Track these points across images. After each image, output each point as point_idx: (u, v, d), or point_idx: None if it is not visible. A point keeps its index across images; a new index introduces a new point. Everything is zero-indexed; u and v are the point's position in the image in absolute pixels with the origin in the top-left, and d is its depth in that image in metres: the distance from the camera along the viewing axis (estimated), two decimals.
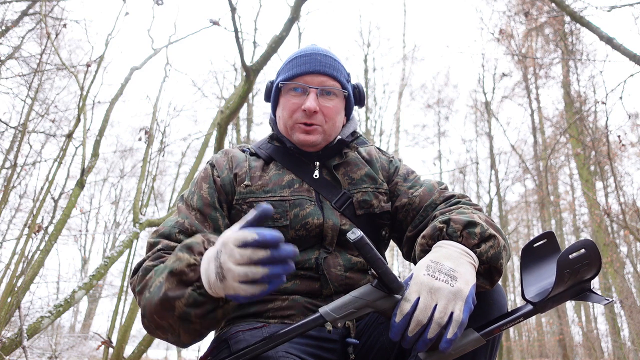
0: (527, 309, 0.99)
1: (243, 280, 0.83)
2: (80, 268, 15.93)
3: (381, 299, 0.97)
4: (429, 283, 0.93)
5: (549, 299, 0.97)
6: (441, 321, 0.90)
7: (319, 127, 1.32)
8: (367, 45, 15.66)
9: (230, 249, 0.84)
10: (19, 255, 4.24)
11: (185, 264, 0.95)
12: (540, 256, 1.05)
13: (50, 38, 5.09)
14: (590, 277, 0.99)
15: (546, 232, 1.06)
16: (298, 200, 1.26)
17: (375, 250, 0.93)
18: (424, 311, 0.91)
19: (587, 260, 0.95)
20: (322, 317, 0.98)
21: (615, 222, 8.91)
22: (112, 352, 4.67)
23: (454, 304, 0.91)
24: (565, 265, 0.93)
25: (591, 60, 9.37)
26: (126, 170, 16.00)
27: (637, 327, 8.98)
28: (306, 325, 0.98)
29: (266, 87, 1.44)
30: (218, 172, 1.32)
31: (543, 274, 1.03)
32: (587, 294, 1.00)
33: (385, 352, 1.15)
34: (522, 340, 16.95)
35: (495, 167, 13.91)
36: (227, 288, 0.86)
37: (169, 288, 0.94)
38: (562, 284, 0.95)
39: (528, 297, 1.01)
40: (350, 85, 1.41)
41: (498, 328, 0.98)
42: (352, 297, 0.98)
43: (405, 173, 1.40)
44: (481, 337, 0.96)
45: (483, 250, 1.03)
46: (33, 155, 6.66)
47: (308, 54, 1.34)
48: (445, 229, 1.07)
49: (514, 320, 0.99)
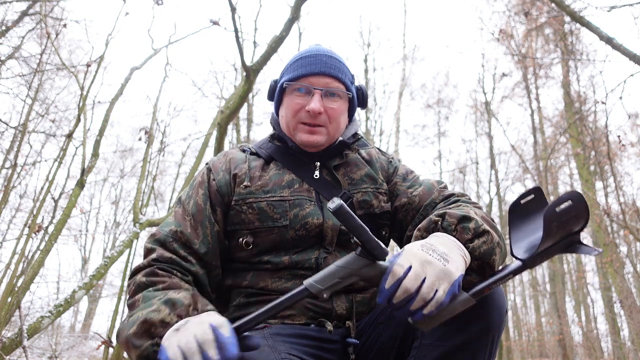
0: (515, 265, 0.98)
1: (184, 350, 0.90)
2: (80, 268, 15.94)
3: (366, 266, 0.97)
4: (422, 256, 0.94)
5: (537, 254, 0.95)
6: (427, 296, 0.91)
7: (322, 127, 1.32)
8: (367, 45, 15.66)
9: (204, 330, 0.91)
10: (19, 255, 4.25)
11: (160, 319, 1.00)
12: (528, 212, 1.02)
13: (51, 38, 5.09)
14: (579, 229, 0.97)
15: (534, 187, 1.03)
16: (298, 200, 1.26)
17: (357, 219, 0.93)
18: (414, 280, 0.92)
19: (575, 212, 0.93)
20: (307, 289, 0.97)
21: (615, 222, 8.91)
22: (112, 352, 4.68)
23: (440, 283, 0.92)
24: (552, 219, 0.91)
25: (591, 60, 9.37)
26: (126, 170, 16.01)
27: (637, 327, 8.99)
28: (292, 298, 0.97)
29: (270, 86, 1.44)
30: (214, 175, 1.33)
31: (531, 229, 1.01)
32: (576, 246, 0.98)
33: (385, 352, 1.15)
34: (522, 340, 16.95)
35: (495, 167, 13.91)
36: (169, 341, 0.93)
37: (135, 333, 0.99)
38: (550, 238, 0.94)
39: (516, 254, 0.99)
40: (354, 87, 1.41)
41: (487, 287, 0.97)
42: (336, 267, 0.98)
43: (404, 173, 1.41)
44: (471, 297, 0.96)
45: (476, 245, 1.04)
46: (33, 155, 6.68)
47: (313, 55, 1.34)
48: (441, 222, 1.08)
49: (504, 277, 0.98)
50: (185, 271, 1.18)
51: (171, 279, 1.13)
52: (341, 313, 1.19)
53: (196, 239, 1.22)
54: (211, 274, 1.24)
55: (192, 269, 1.19)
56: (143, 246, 1.24)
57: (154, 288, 1.10)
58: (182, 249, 1.20)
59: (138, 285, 1.12)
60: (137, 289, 1.12)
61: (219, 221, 1.27)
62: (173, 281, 1.12)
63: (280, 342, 1.09)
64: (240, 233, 1.26)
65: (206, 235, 1.24)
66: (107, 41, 5.99)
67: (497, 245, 1.07)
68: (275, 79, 1.44)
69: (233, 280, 1.27)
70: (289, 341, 1.11)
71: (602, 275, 11.96)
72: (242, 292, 1.25)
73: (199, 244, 1.22)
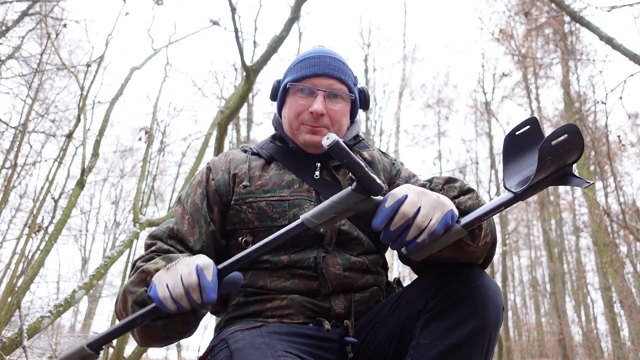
0: (507, 197, 0.97)
1: (170, 290, 0.96)
2: (80, 268, 15.93)
3: (362, 201, 0.97)
4: (417, 188, 0.98)
5: (530, 187, 0.94)
6: (422, 224, 0.93)
7: (325, 129, 1.32)
8: (367, 45, 15.65)
9: (190, 272, 0.96)
10: (19, 255, 4.25)
11: (156, 267, 1.06)
12: (523, 144, 1.00)
13: (51, 38, 5.09)
14: (572, 161, 0.96)
15: (529, 118, 1.00)
16: (297, 200, 1.27)
17: (352, 155, 0.93)
18: (411, 206, 0.94)
19: (570, 145, 0.91)
20: (304, 223, 0.98)
21: (615, 222, 8.91)
22: (112, 352, 4.68)
23: (434, 212, 0.94)
24: (547, 153, 0.90)
25: (591, 60, 9.37)
26: (126, 170, 16.00)
27: (637, 327, 8.99)
28: (288, 233, 0.98)
29: (273, 86, 1.44)
30: (213, 174, 1.34)
31: (525, 162, 0.99)
32: (568, 178, 0.97)
33: (383, 351, 1.15)
34: (522, 340, 16.95)
35: (495, 167, 13.91)
36: (159, 279, 0.98)
37: (132, 282, 1.07)
38: (543, 171, 0.93)
39: (509, 186, 0.98)
40: (356, 88, 1.41)
41: (478, 218, 0.97)
42: (332, 202, 0.98)
43: (407, 176, 1.41)
44: (462, 228, 0.97)
45: (462, 200, 1.09)
46: (33, 155, 6.67)
47: (317, 56, 1.35)
48: (428, 186, 1.15)
49: (495, 209, 0.97)
50: None
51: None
52: (339, 312, 1.20)
53: (191, 237, 1.24)
54: None
55: None
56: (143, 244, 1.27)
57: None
58: (178, 245, 1.23)
59: (137, 267, 1.15)
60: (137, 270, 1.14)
61: (215, 220, 1.28)
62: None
63: (278, 341, 1.09)
64: (240, 232, 1.27)
65: (201, 233, 1.26)
66: (107, 41, 6.00)
67: (482, 202, 1.11)
68: (278, 79, 1.44)
69: None
70: (286, 340, 1.11)
71: (602, 275, 11.96)
72: (241, 292, 1.26)
73: (194, 241, 1.24)
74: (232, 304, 1.26)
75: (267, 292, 1.22)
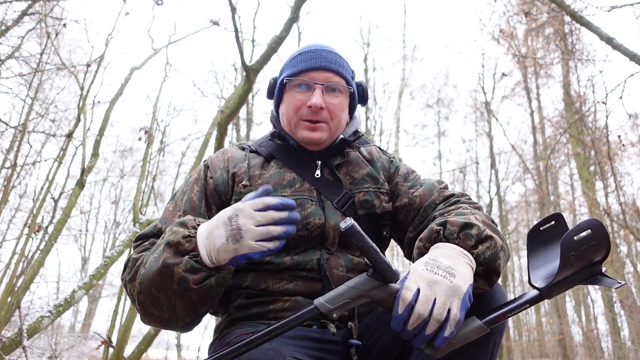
0: (532, 294, 0.95)
1: (261, 238, 0.97)
2: (80, 268, 15.93)
3: (376, 288, 0.96)
4: (428, 276, 0.93)
5: (555, 284, 0.93)
6: (440, 317, 0.90)
7: (324, 124, 1.30)
8: (367, 45, 15.65)
9: (250, 213, 0.98)
10: (19, 255, 4.24)
11: (181, 235, 1.02)
12: (547, 240, 0.99)
13: (50, 38, 5.08)
14: (600, 260, 0.94)
15: (554, 213, 1.00)
16: (299, 200, 1.25)
17: (367, 239, 0.91)
18: (425, 304, 0.90)
19: (594, 242, 0.89)
20: (317, 308, 0.96)
21: (615, 222, 8.91)
22: (112, 352, 4.67)
23: (452, 301, 0.91)
24: (570, 248, 0.88)
25: (591, 60, 9.37)
26: (126, 170, 16.00)
27: (637, 327, 8.98)
28: (301, 317, 0.96)
29: (269, 84, 1.42)
30: (211, 172, 1.32)
31: (550, 257, 0.98)
32: (597, 278, 0.94)
33: (387, 352, 1.14)
34: (522, 340, 16.94)
35: (495, 167, 13.90)
36: (242, 248, 0.98)
37: (168, 257, 1.00)
38: (568, 267, 0.91)
39: (534, 282, 0.97)
40: (354, 82, 1.40)
41: (502, 315, 0.95)
42: (347, 287, 0.97)
43: (405, 173, 1.39)
44: (484, 325, 0.94)
45: (480, 251, 1.02)
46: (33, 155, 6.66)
47: (313, 50, 1.33)
48: (442, 232, 1.06)
49: (519, 307, 0.95)
50: None
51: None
52: (343, 314, 1.18)
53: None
54: None
55: None
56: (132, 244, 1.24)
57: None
58: None
59: (134, 259, 1.11)
60: (134, 260, 1.10)
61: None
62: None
63: (284, 345, 1.08)
64: None
65: None
66: (107, 41, 5.99)
67: (501, 249, 1.06)
68: (274, 77, 1.42)
69: (233, 281, 1.26)
70: (292, 343, 1.10)
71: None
72: (243, 293, 1.24)
73: None
74: (233, 305, 1.24)
75: (270, 294, 1.20)
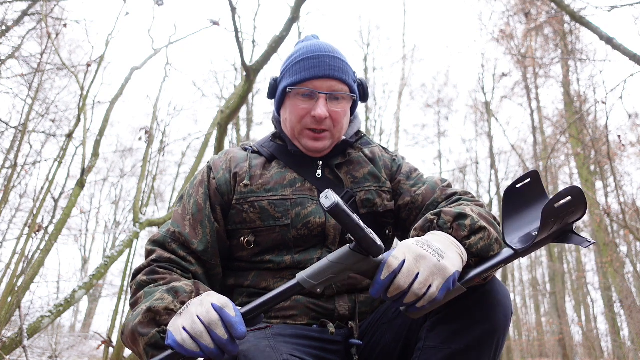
0: (507, 253, 0.97)
1: (188, 329, 0.91)
2: (80, 268, 15.92)
3: (360, 262, 0.96)
4: (416, 250, 0.94)
5: (532, 245, 0.94)
6: (419, 292, 0.91)
7: (327, 132, 1.31)
8: (367, 44, 15.65)
9: (207, 309, 0.93)
10: (19, 255, 4.24)
11: (164, 306, 1.01)
12: (524, 198, 0.99)
13: (51, 38, 5.08)
14: (574, 221, 0.96)
15: (530, 171, 1.00)
16: (300, 199, 1.25)
17: (352, 217, 0.91)
18: (406, 276, 0.92)
19: (573, 207, 0.91)
20: (300, 284, 0.96)
21: (615, 222, 8.91)
22: (112, 352, 4.67)
23: (434, 278, 0.92)
24: (551, 214, 0.90)
25: (591, 60, 9.37)
26: (126, 170, 15.99)
27: (637, 326, 8.98)
28: (284, 293, 0.96)
29: (270, 84, 1.41)
30: (214, 174, 1.32)
31: (527, 219, 0.98)
32: (568, 235, 0.96)
33: (389, 352, 1.14)
34: (522, 340, 16.94)
35: (495, 167, 13.91)
36: (174, 326, 0.94)
37: (141, 322, 1.01)
38: (546, 231, 0.93)
39: (510, 242, 0.97)
40: (356, 85, 1.39)
41: (478, 275, 0.96)
42: (329, 262, 0.97)
43: (408, 171, 1.39)
44: (461, 285, 0.96)
45: (473, 242, 1.02)
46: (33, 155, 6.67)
47: (317, 57, 1.31)
48: (436, 221, 1.07)
49: (494, 266, 0.96)
50: (185, 270, 1.19)
51: (171, 276, 1.14)
52: (344, 314, 1.19)
53: (194, 239, 1.22)
54: (211, 273, 1.24)
55: (191, 269, 1.19)
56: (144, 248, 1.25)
57: (155, 284, 1.11)
58: (181, 249, 1.21)
59: (139, 284, 1.13)
60: (138, 287, 1.13)
61: (219, 220, 1.26)
62: (173, 277, 1.13)
63: (282, 343, 1.08)
64: (242, 232, 1.26)
65: (205, 234, 1.23)
66: (107, 41, 6.00)
67: (496, 241, 1.05)
68: (275, 77, 1.40)
69: (235, 279, 1.27)
70: (290, 342, 1.10)
71: (602, 275, 11.94)
72: (244, 292, 1.25)
73: (197, 243, 1.22)
74: (235, 304, 1.25)
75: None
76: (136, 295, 1.12)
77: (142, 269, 1.18)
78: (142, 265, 1.19)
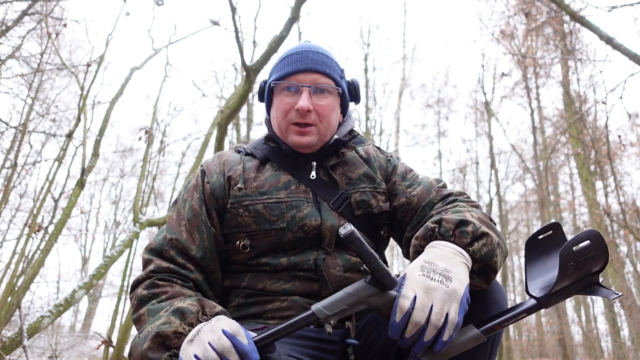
0: (530, 304, 0.95)
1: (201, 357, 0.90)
2: (80, 268, 15.93)
3: (375, 295, 0.95)
4: (424, 283, 0.93)
5: (552, 293, 0.93)
6: (438, 323, 0.90)
7: (313, 127, 1.30)
8: (367, 44, 15.66)
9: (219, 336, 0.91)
10: (19, 255, 4.25)
11: (173, 330, 1.00)
12: (545, 249, 0.99)
13: (51, 38, 5.09)
14: (597, 270, 0.94)
15: (552, 222, 1.00)
16: (295, 202, 1.25)
17: (366, 245, 0.91)
18: (422, 311, 0.90)
19: (593, 252, 0.89)
20: (315, 314, 0.96)
21: (615, 222, 8.91)
22: (113, 352, 4.67)
23: (449, 305, 0.90)
24: (568, 258, 0.88)
25: (591, 60, 9.37)
26: (126, 170, 16.00)
27: (637, 326, 8.98)
28: (298, 323, 0.96)
29: (260, 87, 1.41)
30: (208, 177, 1.31)
31: (547, 267, 0.98)
32: (594, 288, 0.95)
33: (385, 352, 1.14)
34: (522, 339, 16.94)
35: (495, 167, 13.90)
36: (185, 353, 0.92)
37: (150, 347, 1.00)
38: (566, 277, 0.91)
39: (532, 291, 0.96)
40: (344, 81, 1.38)
41: (499, 324, 0.95)
42: (345, 293, 0.96)
43: (403, 172, 1.38)
44: (481, 334, 0.94)
45: (476, 248, 1.02)
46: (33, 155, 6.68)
47: (300, 52, 1.32)
48: (438, 229, 1.06)
49: (516, 316, 0.95)
50: (185, 278, 1.18)
51: (172, 288, 1.12)
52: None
53: (192, 245, 1.21)
54: (211, 278, 1.23)
55: (191, 276, 1.18)
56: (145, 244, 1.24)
57: (158, 300, 1.10)
58: (179, 255, 1.19)
59: (140, 299, 1.12)
60: (140, 302, 1.11)
61: (215, 224, 1.25)
62: (175, 290, 1.12)
63: (279, 343, 1.08)
64: (237, 236, 1.25)
65: (203, 239, 1.22)
66: (107, 41, 6.00)
67: (498, 246, 1.05)
68: (264, 80, 1.41)
69: (231, 281, 1.26)
70: (288, 342, 1.10)
71: (602, 275, 11.93)
72: (241, 293, 1.24)
73: (196, 249, 1.21)
74: (232, 305, 1.25)
75: (268, 294, 1.21)
76: (139, 311, 1.10)
77: (141, 280, 1.16)
78: (140, 276, 1.17)
